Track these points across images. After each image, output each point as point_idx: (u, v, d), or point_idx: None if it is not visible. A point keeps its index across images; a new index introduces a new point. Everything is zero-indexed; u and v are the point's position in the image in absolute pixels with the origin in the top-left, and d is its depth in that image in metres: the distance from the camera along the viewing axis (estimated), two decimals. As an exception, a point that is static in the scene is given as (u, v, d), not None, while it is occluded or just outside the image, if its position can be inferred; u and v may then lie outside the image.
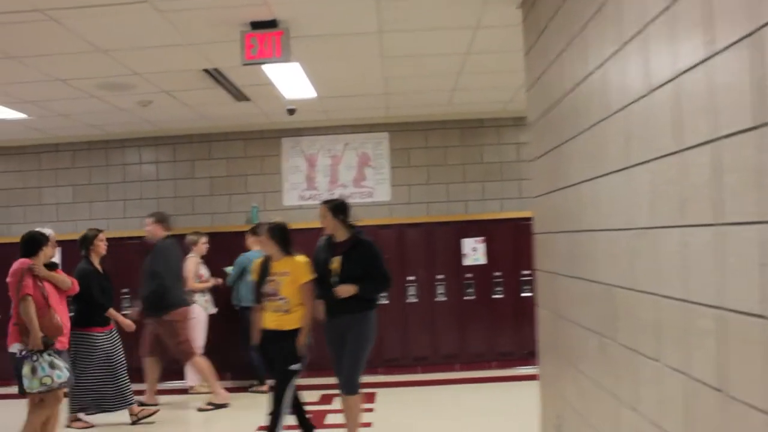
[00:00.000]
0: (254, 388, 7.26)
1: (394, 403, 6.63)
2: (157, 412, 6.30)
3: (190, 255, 7.33)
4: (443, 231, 7.92)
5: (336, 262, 4.72)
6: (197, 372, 6.91)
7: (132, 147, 8.26)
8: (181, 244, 7.41)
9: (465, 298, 7.88)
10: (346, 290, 4.65)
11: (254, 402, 6.66)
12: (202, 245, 7.42)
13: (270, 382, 4.91)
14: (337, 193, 8.05)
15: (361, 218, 7.63)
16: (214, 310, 7.46)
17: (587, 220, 3.03)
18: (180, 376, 7.38)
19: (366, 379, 5.80)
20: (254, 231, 7.48)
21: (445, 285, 7.88)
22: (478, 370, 7.65)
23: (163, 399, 6.85)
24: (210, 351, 7.48)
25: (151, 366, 6.71)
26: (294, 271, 4.76)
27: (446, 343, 7.84)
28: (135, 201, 8.21)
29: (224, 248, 7.68)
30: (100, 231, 6.20)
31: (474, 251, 7.89)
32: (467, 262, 7.90)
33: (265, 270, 4.86)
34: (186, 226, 7.90)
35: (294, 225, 7.87)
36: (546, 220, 3.83)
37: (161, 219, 6.77)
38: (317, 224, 7.95)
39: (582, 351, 3.14)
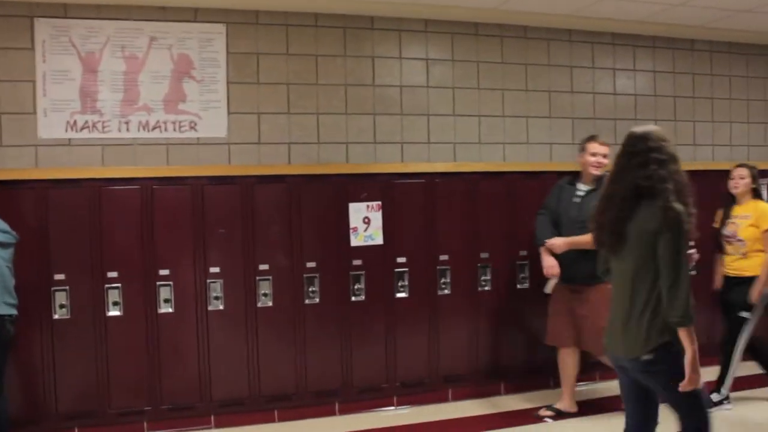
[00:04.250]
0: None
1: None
2: None
3: None
4: (316, 190, 4.91)
5: None
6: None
7: None
8: None
9: (353, 298, 4.97)
10: None
11: None
12: None
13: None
14: (136, 121, 4.74)
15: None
16: None
17: None
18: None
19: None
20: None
21: (318, 279, 4.88)
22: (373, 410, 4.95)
23: None
24: None
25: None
26: (756, 215, 4.74)
27: (322, 374, 4.94)
28: None
29: None
30: None
31: (366, 224, 4.98)
32: (356, 242, 4.94)
33: (727, 212, 4.91)
34: None
35: (58, 173, 4.55)
36: None
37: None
38: (108, 172, 4.74)
39: None
